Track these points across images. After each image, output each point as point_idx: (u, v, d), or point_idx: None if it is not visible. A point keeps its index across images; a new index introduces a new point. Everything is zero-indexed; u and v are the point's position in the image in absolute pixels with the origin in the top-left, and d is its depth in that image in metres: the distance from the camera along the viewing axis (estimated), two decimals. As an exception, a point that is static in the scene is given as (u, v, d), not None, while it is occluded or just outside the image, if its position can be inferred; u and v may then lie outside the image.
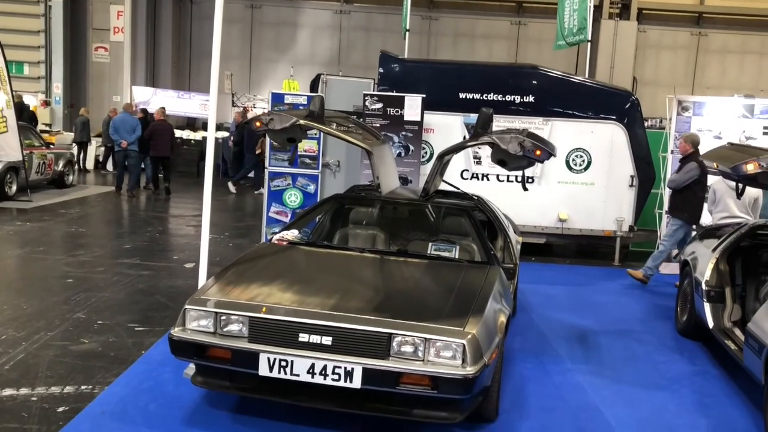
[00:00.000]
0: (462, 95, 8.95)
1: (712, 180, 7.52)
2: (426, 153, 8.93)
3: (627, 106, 9.02)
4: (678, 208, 7.52)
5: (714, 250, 5.62)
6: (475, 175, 9.09)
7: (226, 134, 17.79)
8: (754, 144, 7.62)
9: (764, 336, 4.21)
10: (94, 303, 5.96)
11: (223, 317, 3.68)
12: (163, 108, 14.59)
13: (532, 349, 5.41)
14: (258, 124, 4.92)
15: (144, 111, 16.05)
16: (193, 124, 20.56)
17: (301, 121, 4.84)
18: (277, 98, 8.66)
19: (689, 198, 7.42)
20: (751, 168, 4.51)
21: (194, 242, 7.89)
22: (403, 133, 8.51)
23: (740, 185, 5.30)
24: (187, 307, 3.76)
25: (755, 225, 5.71)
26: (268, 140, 8.35)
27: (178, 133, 16.67)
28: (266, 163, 8.70)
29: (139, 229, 9.96)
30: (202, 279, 4.72)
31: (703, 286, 5.44)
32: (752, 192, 6.36)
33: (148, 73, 21.31)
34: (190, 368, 3.93)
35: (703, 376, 5.10)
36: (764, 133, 8.46)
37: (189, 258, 7.87)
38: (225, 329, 3.67)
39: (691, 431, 4.12)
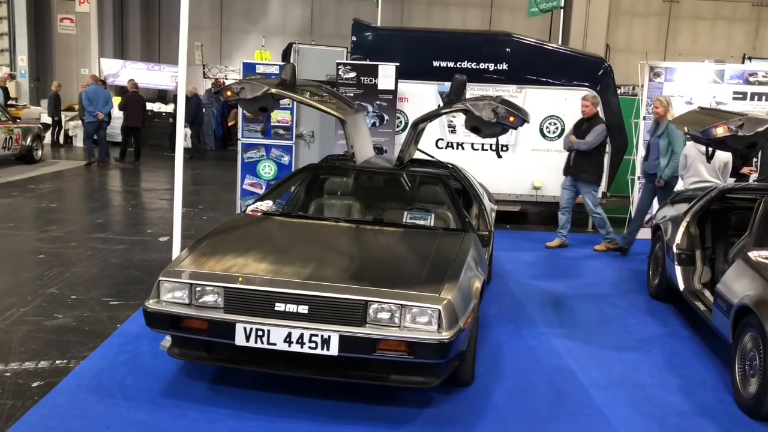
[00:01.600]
0: (436, 63, 8.90)
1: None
2: (401, 122, 8.89)
3: (600, 73, 9.05)
4: (587, 171, 7.56)
5: (685, 214, 5.71)
6: (450, 144, 9.09)
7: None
8: (724, 108, 7.69)
9: (732, 296, 4.31)
10: (68, 278, 5.89)
11: (198, 288, 3.66)
12: (133, 80, 14.42)
13: (507, 314, 5.48)
14: (229, 93, 4.85)
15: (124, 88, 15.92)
16: (164, 96, 20.23)
17: (273, 90, 4.79)
18: (249, 68, 8.54)
19: (597, 160, 7.60)
20: (720, 131, 4.58)
21: (168, 215, 7.81)
22: (378, 102, 8.46)
23: (710, 149, 5.36)
24: (161, 278, 3.74)
25: (724, 189, 5.79)
26: (241, 111, 8.25)
27: (149, 105, 16.42)
28: (239, 135, 8.61)
29: (112, 203, 9.84)
30: (176, 252, 4.69)
31: (674, 250, 5.53)
32: (722, 156, 6.44)
33: (117, 45, 20.88)
34: (167, 340, 3.92)
35: (674, 337, 5.21)
36: (734, 98, 8.54)
37: (163, 231, 7.80)
38: (200, 300, 3.66)
39: (662, 390, 4.22)
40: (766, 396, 3.73)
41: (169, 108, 17.86)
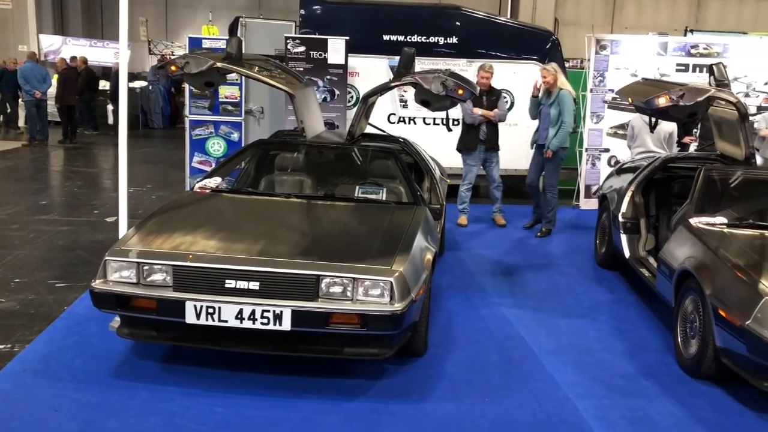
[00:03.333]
0: (386, 37, 8.85)
1: (629, 116, 7.75)
2: (352, 97, 8.83)
3: (548, 47, 9.14)
4: (497, 141, 7.51)
5: (630, 184, 5.84)
6: (402, 119, 9.08)
7: (144, 83, 17.08)
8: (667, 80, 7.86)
9: (674, 262, 4.45)
10: (10, 261, 5.72)
11: (146, 267, 3.60)
12: (64, 58, 14.07)
13: (459, 285, 5.55)
14: (173, 68, 4.73)
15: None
16: (108, 74, 19.61)
17: (219, 64, 4.69)
18: (195, 43, 8.35)
19: (498, 132, 7.52)
20: (662, 101, 4.68)
21: (115, 195, 7.61)
22: (328, 77, 8.38)
23: (653, 119, 5.48)
24: (107, 258, 3.66)
25: (667, 158, 5.96)
26: (187, 86, 8.07)
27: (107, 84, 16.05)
28: (186, 111, 8.43)
29: (56, 184, 9.55)
30: (123, 232, 4.61)
31: (620, 219, 5.67)
32: (667, 127, 6.59)
33: (56, 21, 20.10)
34: (115, 321, 3.86)
35: (620, 303, 5.36)
36: (677, 70, 8.73)
37: (110, 212, 7.61)
38: (148, 279, 3.60)
39: (608, 354, 4.35)
40: (705, 356, 3.89)
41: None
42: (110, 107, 15.50)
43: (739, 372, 3.68)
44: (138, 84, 16.94)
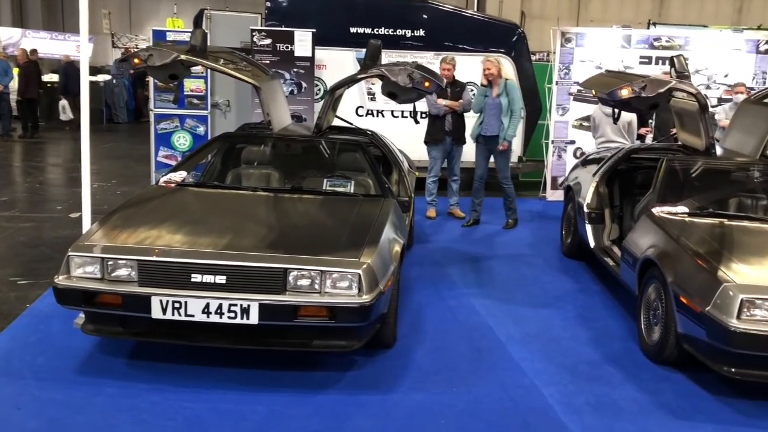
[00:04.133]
0: (353, 30, 8.83)
1: (589, 109, 7.86)
2: (319, 90, 8.80)
3: (514, 39, 9.21)
4: (463, 133, 7.49)
5: (594, 175, 5.93)
6: (369, 112, 9.08)
7: (108, 77, 16.78)
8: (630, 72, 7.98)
9: (637, 251, 4.54)
10: (-30, 259, 5.60)
11: (110, 262, 3.55)
12: (25, 50, 13.76)
13: (428, 277, 5.58)
14: (137, 60, 4.68)
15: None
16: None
17: (183, 57, 4.64)
18: (159, 36, 8.22)
19: (464, 124, 7.51)
20: (625, 93, 4.76)
21: (79, 191, 7.51)
22: (295, 69, 8.33)
23: (616, 110, 5.57)
24: (70, 253, 3.61)
25: (630, 149, 6.06)
26: (152, 80, 7.96)
27: (55, 77, 15.63)
28: (151, 105, 8.31)
29: (18, 180, 9.35)
30: (87, 228, 4.52)
31: (585, 209, 5.75)
32: (626, 116, 6.69)
33: (15, 13, 19.61)
34: (80, 317, 3.80)
35: (585, 292, 5.45)
36: (641, 63, 8.88)
37: (74, 207, 7.48)
38: (113, 274, 3.56)
39: (574, 342, 4.42)
40: (667, 342, 3.98)
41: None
42: (62, 102, 15.08)
43: (700, 357, 3.76)
44: (101, 78, 16.64)
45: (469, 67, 8.91)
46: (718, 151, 5.52)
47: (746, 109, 5.71)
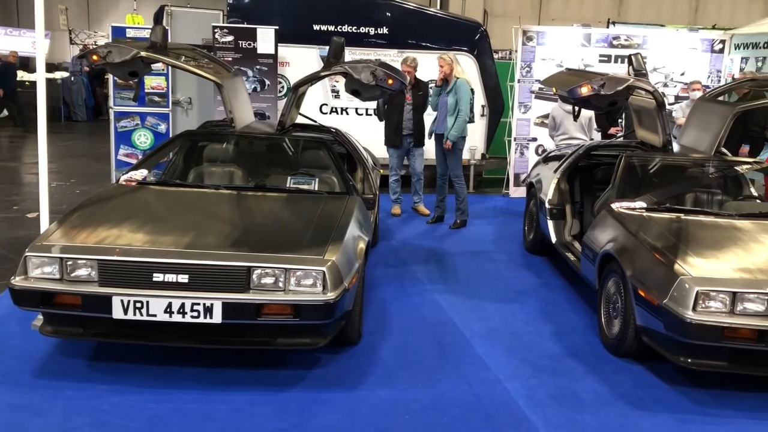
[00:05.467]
0: (316, 27, 8.79)
1: (549, 107, 7.97)
2: (283, 87, 8.75)
3: (477, 37, 9.28)
4: (422, 136, 7.47)
5: (555, 171, 6.02)
6: (334, 109, 9.06)
7: (65, 74, 16.42)
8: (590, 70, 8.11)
9: (597, 246, 4.62)
10: None
11: (70, 262, 3.49)
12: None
13: (393, 274, 5.60)
14: (95, 57, 4.59)
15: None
16: (27, 64, 18.75)
17: (143, 54, 4.57)
18: (119, 32, 8.08)
19: (423, 127, 7.48)
20: (584, 91, 4.84)
21: (37, 190, 7.35)
22: (258, 67, 8.28)
23: (576, 108, 5.65)
24: (27, 254, 3.53)
25: (590, 146, 6.16)
26: (111, 77, 7.83)
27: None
28: (111, 102, 8.17)
29: (-29, 180, 9.08)
30: (44, 228, 4.43)
31: (547, 205, 5.84)
32: (585, 113, 6.80)
33: (-33, 8, 19.03)
34: (38, 319, 3.73)
35: (548, 287, 5.53)
36: (600, 61, 9.03)
37: (31, 207, 7.31)
38: (72, 274, 3.50)
39: (536, 336, 4.49)
40: (626, 335, 4.06)
41: (33, 77, 16.63)
42: None
43: (658, 349, 3.86)
44: (59, 75, 16.27)
45: (432, 65, 8.97)
46: (675, 147, 5.65)
47: (701, 106, 5.86)
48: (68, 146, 12.44)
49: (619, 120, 8.11)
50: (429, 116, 7.52)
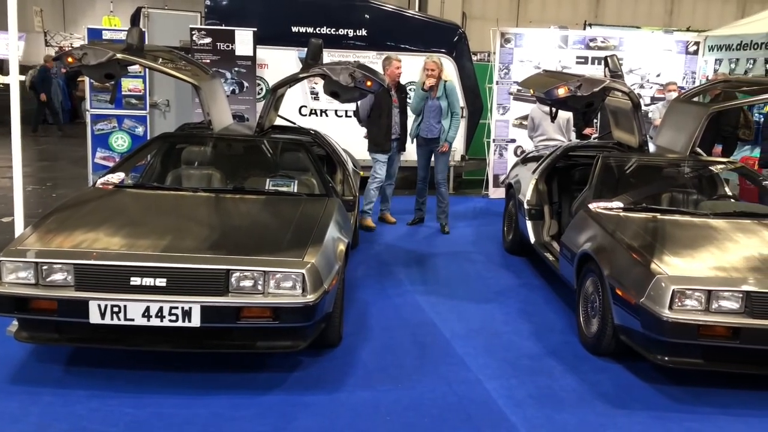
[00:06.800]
0: (295, 29, 8.78)
1: (528, 108, 8.02)
2: (261, 89, 8.72)
3: (455, 39, 9.32)
4: (405, 138, 7.34)
5: (534, 172, 6.06)
6: (313, 111, 9.05)
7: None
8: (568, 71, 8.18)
9: (575, 246, 4.66)
10: None
11: (45, 267, 3.45)
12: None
13: (374, 275, 5.61)
14: (70, 59, 4.55)
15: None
16: (1, 66, 18.48)
17: (119, 55, 4.54)
18: (95, 34, 7.99)
19: (406, 131, 7.40)
20: (561, 92, 4.88)
21: (11, 194, 7.24)
22: (236, 69, 8.24)
23: (554, 109, 5.70)
24: (1, 259, 3.48)
25: (568, 147, 6.22)
26: (87, 79, 7.75)
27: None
28: (87, 105, 8.08)
29: (-56, 184, 8.93)
30: (19, 232, 4.37)
31: (525, 206, 5.88)
32: (563, 114, 6.85)
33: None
34: (13, 325, 3.68)
35: (527, 287, 5.57)
36: (577, 62, 9.12)
37: (6, 212, 7.19)
38: (48, 279, 3.45)
39: (516, 336, 4.51)
40: (605, 334, 4.10)
41: (6, 79, 16.36)
42: None
43: (635, 347, 3.90)
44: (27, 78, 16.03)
45: (410, 68, 8.99)
46: (651, 147, 5.71)
47: (677, 107, 5.93)
48: (44, 149, 12.29)
49: (595, 120, 8.19)
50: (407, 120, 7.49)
